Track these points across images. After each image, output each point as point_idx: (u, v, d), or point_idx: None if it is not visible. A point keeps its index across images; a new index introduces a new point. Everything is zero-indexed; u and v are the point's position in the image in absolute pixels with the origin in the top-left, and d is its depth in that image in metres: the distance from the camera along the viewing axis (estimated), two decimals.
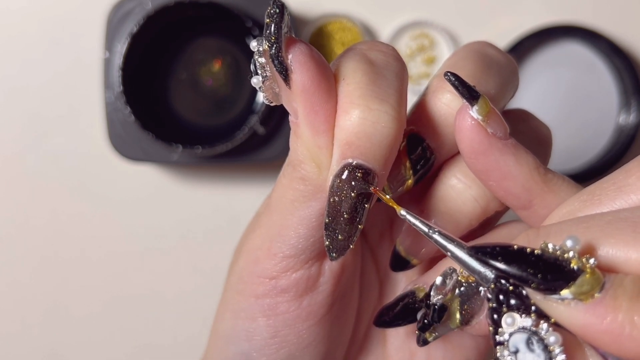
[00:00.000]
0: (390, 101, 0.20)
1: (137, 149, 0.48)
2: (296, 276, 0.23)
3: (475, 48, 0.24)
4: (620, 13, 0.54)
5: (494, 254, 0.17)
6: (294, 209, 0.22)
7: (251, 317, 0.24)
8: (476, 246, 0.17)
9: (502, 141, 0.20)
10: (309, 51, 0.20)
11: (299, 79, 0.19)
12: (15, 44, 0.52)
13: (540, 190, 0.20)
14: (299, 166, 0.21)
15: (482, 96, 0.20)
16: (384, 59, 0.21)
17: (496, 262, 0.17)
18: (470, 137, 0.20)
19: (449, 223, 0.23)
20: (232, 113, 0.50)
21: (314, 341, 0.24)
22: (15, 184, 0.53)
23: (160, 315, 0.54)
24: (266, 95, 0.21)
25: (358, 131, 0.19)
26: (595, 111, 0.54)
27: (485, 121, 0.20)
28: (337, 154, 0.20)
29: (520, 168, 0.20)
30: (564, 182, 0.21)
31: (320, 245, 0.23)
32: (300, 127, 0.20)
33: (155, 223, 0.53)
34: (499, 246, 0.17)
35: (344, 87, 0.20)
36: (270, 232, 0.23)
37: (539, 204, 0.21)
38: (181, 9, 0.46)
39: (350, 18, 0.52)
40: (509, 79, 0.24)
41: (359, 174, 0.20)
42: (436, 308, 0.20)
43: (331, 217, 0.21)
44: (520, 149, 0.20)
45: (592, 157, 0.53)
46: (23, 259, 0.53)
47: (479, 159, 0.20)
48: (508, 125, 0.21)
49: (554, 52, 0.53)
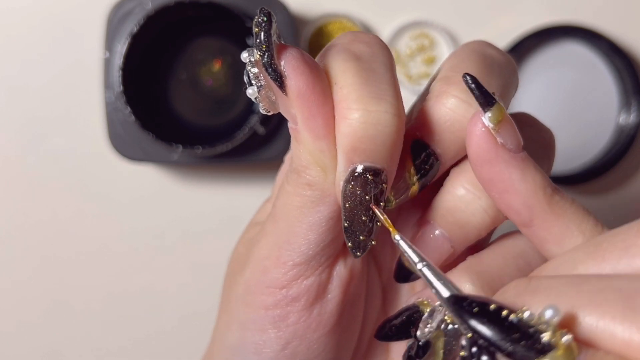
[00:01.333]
0: (387, 98, 0.20)
1: (137, 149, 0.48)
2: (307, 283, 0.23)
3: (476, 48, 0.23)
4: (620, 13, 0.54)
5: (471, 309, 0.16)
6: (302, 215, 0.22)
7: (261, 328, 0.24)
8: (456, 296, 0.17)
9: (510, 153, 0.19)
10: (301, 55, 0.19)
11: (294, 85, 0.19)
12: (15, 44, 0.52)
13: (542, 210, 0.20)
14: (303, 172, 0.21)
15: (497, 104, 0.19)
16: (370, 50, 0.21)
17: (471, 319, 0.16)
18: (478, 144, 0.20)
19: (458, 235, 0.23)
20: (232, 113, 0.50)
21: (323, 351, 0.24)
22: (15, 184, 0.53)
23: (160, 315, 0.54)
24: (263, 105, 0.21)
25: (361, 135, 0.19)
26: (595, 111, 0.54)
27: (496, 130, 0.19)
28: (343, 160, 0.20)
29: (525, 184, 0.20)
30: (571, 207, 0.20)
31: (330, 250, 0.23)
32: (301, 133, 0.20)
33: (155, 223, 0.53)
34: (476, 302, 0.16)
35: (337, 92, 0.20)
36: (278, 240, 0.23)
37: (539, 225, 0.20)
38: (181, 9, 0.46)
39: (350, 18, 0.52)
40: (510, 79, 0.23)
41: (369, 176, 0.20)
42: (420, 345, 0.20)
43: (349, 222, 0.21)
44: (530, 164, 0.20)
45: (592, 157, 0.53)
46: (23, 259, 0.53)
47: (484, 167, 0.20)
48: (522, 139, 0.20)
49: (554, 52, 0.53)
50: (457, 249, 0.23)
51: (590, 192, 0.54)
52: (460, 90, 0.21)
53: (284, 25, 0.48)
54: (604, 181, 0.54)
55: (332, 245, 0.23)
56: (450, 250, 0.23)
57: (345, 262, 0.24)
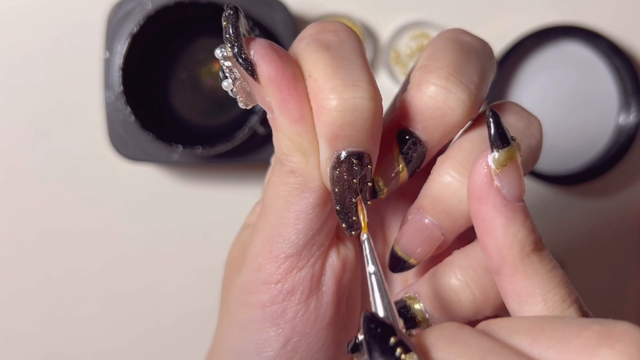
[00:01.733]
0: (361, 84, 0.20)
1: (137, 149, 0.48)
2: (301, 275, 0.23)
3: (452, 36, 0.23)
4: (620, 13, 0.54)
5: (375, 333, 0.17)
6: (289, 204, 0.22)
7: (260, 328, 0.24)
8: (372, 315, 0.17)
9: (502, 199, 0.19)
10: (268, 44, 0.20)
11: (265, 71, 0.20)
12: (15, 44, 0.52)
13: (512, 265, 0.19)
14: (286, 160, 0.22)
15: (507, 149, 0.19)
16: (337, 38, 0.21)
17: (369, 341, 0.17)
18: (474, 179, 0.20)
19: (447, 222, 0.23)
20: (232, 113, 0.50)
21: (323, 346, 0.24)
22: (16, 184, 0.53)
23: (160, 315, 0.54)
24: (240, 97, 0.22)
25: (341, 123, 0.20)
26: (595, 111, 0.54)
27: (496, 173, 0.19)
28: (327, 148, 0.21)
29: (505, 233, 0.19)
30: (546, 273, 0.20)
31: (320, 239, 0.23)
32: (277, 119, 0.21)
33: (155, 223, 0.53)
34: (383, 329, 0.17)
35: (311, 84, 0.20)
36: (268, 234, 0.23)
37: (505, 277, 0.20)
38: (181, 9, 0.46)
39: (350, 18, 0.52)
40: (487, 63, 0.24)
41: (354, 160, 0.20)
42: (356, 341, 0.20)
43: (340, 205, 0.21)
44: (519, 217, 0.19)
45: (592, 157, 0.53)
46: (23, 259, 0.53)
47: (473, 202, 0.20)
48: (524, 189, 0.20)
49: (554, 52, 0.53)
50: (447, 237, 0.23)
51: (590, 192, 0.55)
52: (439, 77, 0.22)
53: (284, 25, 0.48)
54: (604, 181, 0.54)
55: (322, 233, 0.23)
56: (441, 238, 0.23)
57: (338, 253, 0.24)
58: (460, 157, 0.22)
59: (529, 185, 0.53)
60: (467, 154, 0.22)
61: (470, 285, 0.22)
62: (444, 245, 0.23)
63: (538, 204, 0.54)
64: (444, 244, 0.23)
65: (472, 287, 0.22)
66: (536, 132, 0.24)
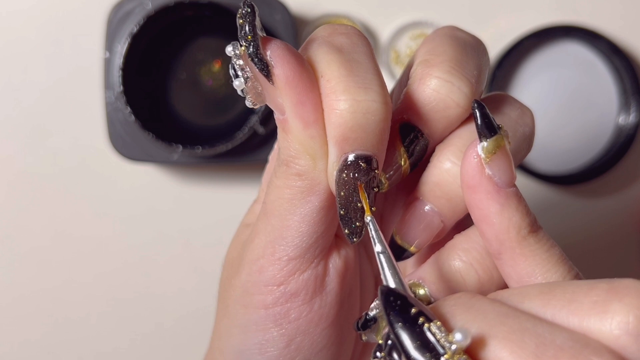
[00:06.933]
0: (373, 87, 0.20)
1: (137, 149, 0.48)
2: (304, 277, 0.23)
3: (448, 32, 0.24)
4: (620, 13, 0.54)
5: (395, 305, 0.17)
6: (294, 207, 0.22)
7: (263, 328, 0.24)
8: (388, 289, 0.17)
9: (494, 186, 0.20)
10: (285, 45, 0.20)
11: (282, 72, 0.20)
12: (16, 44, 0.52)
13: (511, 248, 0.20)
14: (292, 162, 0.21)
15: (495, 138, 0.20)
16: (349, 41, 0.21)
17: (391, 314, 0.17)
18: (465, 169, 0.20)
19: (447, 208, 0.23)
20: (232, 113, 0.50)
21: (327, 344, 0.24)
22: (16, 184, 0.53)
23: (160, 315, 0.54)
24: (250, 96, 0.21)
25: (352, 125, 0.20)
26: (595, 111, 0.54)
27: (486, 161, 0.20)
28: (335, 150, 0.20)
29: (500, 219, 0.20)
30: (545, 252, 0.20)
31: (323, 242, 0.23)
32: (289, 122, 0.21)
33: (155, 222, 0.53)
34: (402, 301, 0.17)
35: (325, 84, 0.20)
36: (270, 237, 0.23)
37: (505, 261, 0.20)
38: (181, 9, 0.46)
39: (350, 18, 0.52)
40: (483, 59, 0.24)
41: (361, 163, 0.20)
42: (367, 317, 0.20)
43: (345, 209, 0.21)
44: (512, 202, 0.20)
45: (592, 157, 0.53)
46: (22, 258, 0.53)
47: (467, 192, 0.20)
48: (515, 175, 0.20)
49: (554, 52, 0.53)
50: (447, 224, 0.23)
51: (590, 192, 0.55)
52: (442, 71, 0.22)
53: (284, 25, 0.48)
54: (604, 181, 0.54)
55: (325, 237, 0.23)
56: (440, 225, 0.23)
57: (340, 253, 0.24)
58: (460, 143, 0.22)
59: (528, 185, 0.53)
60: (466, 140, 0.22)
61: (474, 265, 0.23)
62: (443, 232, 0.23)
63: (538, 204, 0.54)
64: (443, 231, 0.23)
65: (476, 267, 0.23)
66: (529, 120, 0.24)
